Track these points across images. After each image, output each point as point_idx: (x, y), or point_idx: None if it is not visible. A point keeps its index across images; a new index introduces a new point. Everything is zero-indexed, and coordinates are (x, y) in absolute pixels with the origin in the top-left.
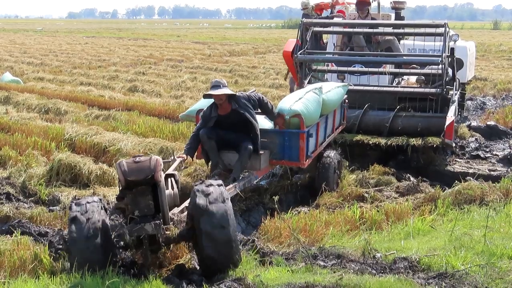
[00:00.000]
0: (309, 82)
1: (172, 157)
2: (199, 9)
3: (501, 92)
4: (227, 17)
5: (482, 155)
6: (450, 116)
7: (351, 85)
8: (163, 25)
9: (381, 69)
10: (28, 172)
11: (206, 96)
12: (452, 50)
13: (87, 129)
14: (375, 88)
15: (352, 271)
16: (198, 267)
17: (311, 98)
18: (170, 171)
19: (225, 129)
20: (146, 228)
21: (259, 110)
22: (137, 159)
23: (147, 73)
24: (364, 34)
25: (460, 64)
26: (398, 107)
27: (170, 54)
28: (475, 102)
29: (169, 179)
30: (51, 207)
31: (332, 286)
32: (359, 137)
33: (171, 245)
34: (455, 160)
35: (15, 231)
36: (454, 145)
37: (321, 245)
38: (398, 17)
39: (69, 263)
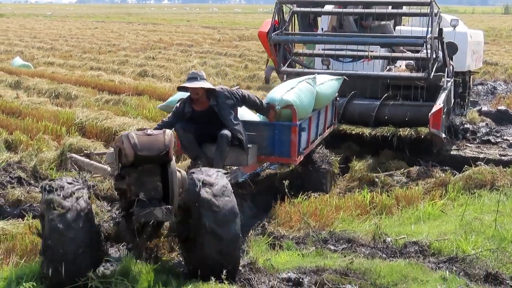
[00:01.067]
0: (290, 66)
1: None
2: None
3: None
4: (237, 1)
5: (492, 140)
6: (438, 103)
7: (346, 79)
8: (172, 10)
9: (367, 53)
10: (39, 156)
11: (180, 89)
12: (440, 31)
13: (97, 114)
14: (358, 74)
15: (362, 255)
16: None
17: (304, 89)
18: None
19: (199, 122)
20: (156, 213)
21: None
22: (148, 131)
23: (157, 58)
24: (350, 14)
25: (453, 48)
26: (385, 95)
27: (179, 39)
28: (485, 87)
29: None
30: None
31: (343, 270)
32: (342, 127)
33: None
34: (466, 145)
35: (26, 215)
36: (443, 136)
37: (332, 230)
38: (395, 6)
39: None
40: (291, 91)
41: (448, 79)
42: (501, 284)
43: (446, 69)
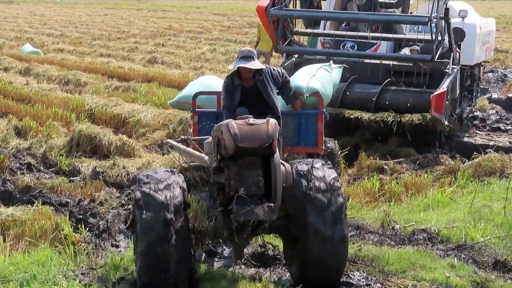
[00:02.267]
0: (289, 44)
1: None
2: None
3: None
4: None
5: (502, 128)
6: (442, 87)
7: (346, 66)
8: None
9: (368, 34)
10: (48, 143)
11: (237, 69)
12: (446, 11)
13: (106, 100)
14: (361, 53)
15: (371, 242)
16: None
17: (325, 76)
18: None
19: (246, 102)
20: (257, 211)
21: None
22: (251, 120)
23: (166, 45)
24: None
25: (461, 35)
26: (387, 80)
27: (189, 25)
28: (496, 74)
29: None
30: (71, 178)
31: (351, 258)
32: (341, 110)
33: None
34: (476, 132)
35: (36, 201)
36: (445, 123)
37: None
38: None
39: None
40: (314, 78)
41: (454, 66)
42: (510, 272)
43: (452, 54)
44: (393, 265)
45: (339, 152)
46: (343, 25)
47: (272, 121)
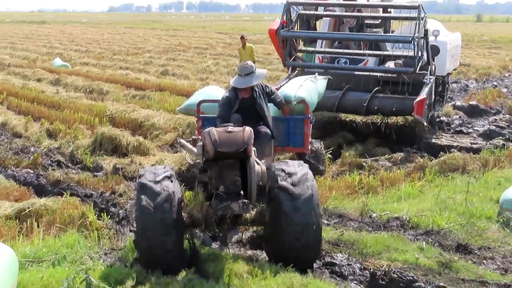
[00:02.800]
0: (294, 60)
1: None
2: (222, 4)
3: (482, 76)
4: (246, 11)
5: (464, 131)
6: (422, 95)
7: (330, 78)
8: (190, 18)
9: (362, 51)
10: (75, 143)
11: (234, 86)
12: (426, 32)
13: (125, 107)
14: (351, 67)
15: (351, 228)
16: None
17: (311, 86)
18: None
19: (242, 110)
20: (232, 207)
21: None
22: (229, 128)
23: (176, 59)
24: (348, 17)
25: (436, 50)
26: (375, 89)
27: (196, 43)
28: (459, 84)
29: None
30: (95, 173)
31: (334, 241)
32: (337, 114)
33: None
34: (441, 135)
35: (65, 193)
36: (425, 124)
37: (325, 206)
38: (385, 10)
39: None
40: (301, 88)
41: (431, 76)
42: (470, 254)
43: (429, 67)
44: (371, 248)
45: (324, 151)
46: (336, 43)
47: (248, 129)
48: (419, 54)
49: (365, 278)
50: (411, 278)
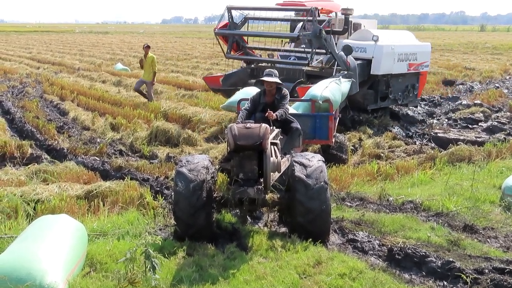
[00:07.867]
0: (245, 54)
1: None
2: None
3: (485, 79)
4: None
5: (470, 126)
6: (318, 84)
7: (354, 81)
8: None
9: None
10: (134, 135)
11: (257, 82)
12: (320, 31)
13: (176, 104)
14: (274, 60)
15: (371, 210)
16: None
17: (335, 87)
18: (270, 139)
19: (264, 109)
20: (248, 191)
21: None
22: (248, 125)
23: (220, 64)
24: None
25: (349, 50)
26: (298, 80)
27: None
28: (465, 86)
29: (272, 147)
30: (151, 160)
31: (356, 221)
32: None
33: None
34: (450, 129)
35: (126, 177)
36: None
37: (348, 191)
38: (347, 21)
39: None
40: (326, 89)
41: (344, 72)
42: (476, 233)
43: (336, 63)
44: (388, 227)
45: (347, 143)
46: (301, 46)
47: (264, 125)
48: (309, 50)
49: (383, 253)
50: (423, 253)
